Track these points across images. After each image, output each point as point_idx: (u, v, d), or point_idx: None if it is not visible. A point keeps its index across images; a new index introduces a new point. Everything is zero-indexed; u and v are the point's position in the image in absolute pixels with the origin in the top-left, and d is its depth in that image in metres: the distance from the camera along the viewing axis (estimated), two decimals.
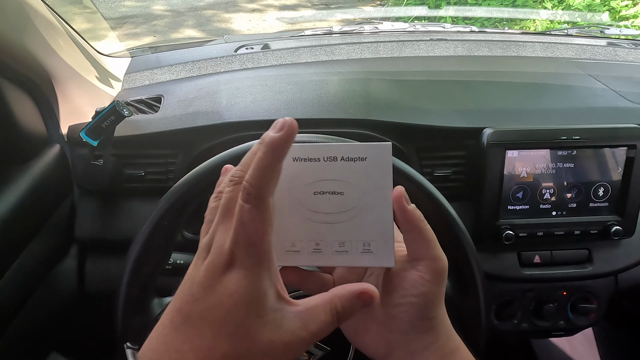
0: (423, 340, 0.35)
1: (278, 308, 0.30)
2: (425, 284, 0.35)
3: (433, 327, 0.35)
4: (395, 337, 0.36)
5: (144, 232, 0.48)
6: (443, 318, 0.36)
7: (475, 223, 0.73)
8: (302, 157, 0.33)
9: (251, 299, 0.29)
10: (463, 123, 0.74)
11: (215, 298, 0.28)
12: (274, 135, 0.29)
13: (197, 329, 0.28)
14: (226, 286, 0.29)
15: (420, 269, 0.35)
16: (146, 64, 0.98)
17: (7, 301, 0.60)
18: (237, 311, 0.28)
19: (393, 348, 0.36)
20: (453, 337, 0.36)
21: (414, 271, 0.35)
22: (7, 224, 0.59)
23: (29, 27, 0.65)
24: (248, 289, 0.29)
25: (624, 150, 0.72)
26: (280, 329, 0.29)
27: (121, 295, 0.47)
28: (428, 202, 0.51)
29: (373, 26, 1.21)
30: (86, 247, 0.75)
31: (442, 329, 0.36)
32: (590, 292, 0.78)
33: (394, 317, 0.35)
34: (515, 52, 1.02)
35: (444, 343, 0.35)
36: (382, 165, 0.34)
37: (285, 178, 0.31)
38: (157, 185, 0.74)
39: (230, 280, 0.29)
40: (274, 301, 0.30)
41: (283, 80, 0.84)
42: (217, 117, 0.73)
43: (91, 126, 0.65)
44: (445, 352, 0.35)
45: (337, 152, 0.34)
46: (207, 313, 0.28)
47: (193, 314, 0.29)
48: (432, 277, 0.35)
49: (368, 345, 0.37)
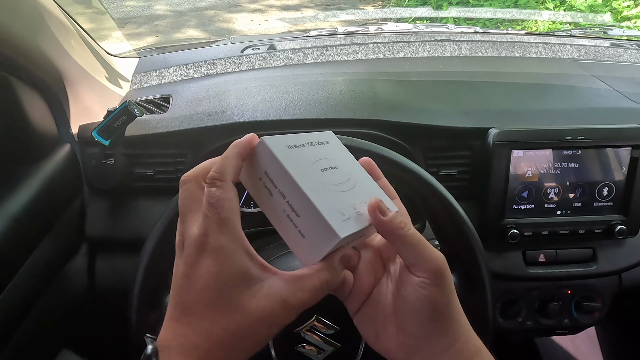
0: (441, 343, 0.35)
1: (264, 277, 0.32)
2: (427, 287, 0.34)
3: (448, 329, 0.35)
4: (413, 341, 0.35)
5: (158, 228, 0.49)
6: (460, 318, 0.36)
7: (480, 222, 0.74)
8: (292, 144, 0.35)
9: (236, 274, 0.31)
10: (468, 123, 0.75)
11: (201, 283, 0.31)
12: (236, 138, 0.34)
13: (194, 315, 0.31)
14: (208, 270, 0.31)
15: (419, 273, 0.35)
16: (154, 64, 0.99)
17: (18, 300, 0.60)
18: (226, 288, 0.31)
19: (413, 352, 0.36)
20: (473, 340, 0.36)
21: (414, 277, 0.35)
22: (18, 223, 0.60)
23: (43, 29, 0.66)
24: (230, 266, 0.31)
25: (628, 150, 0.73)
26: (270, 296, 0.31)
27: (136, 291, 0.48)
28: (436, 201, 0.52)
29: (377, 27, 1.22)
30: (96, 246, 0.75)
31: (460, 331, 0.35)
32: (595, 291, 0.79)
33: (408, 322, 0.35)
34: (519, 53, 1.03)
35: (463, 346, 0.35)
36: (339, 145, 0.39)
37: (296, 162, 0.33)
38: (166, 184, 0.75)
39: (209, 263, 0.31)
40: (258, 272, 0.32)
41: (290, 80, 0.85)
42: (227, 117, 0.74)
43: (103, 126, 0.66)
44: (465, 356, 0.35)
45: (309, 139, 0.37)
46: (198, 298, 0.31)
47: (187, 303, 0.31)
48: (432, 278, 0.34)
49: (389, 349, 0.37)
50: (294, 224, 0.33)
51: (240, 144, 0.34)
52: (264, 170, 0.33)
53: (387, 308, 0.37)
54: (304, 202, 0.32)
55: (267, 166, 0.33)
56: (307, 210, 0.32)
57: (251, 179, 0.34)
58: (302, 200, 0.32)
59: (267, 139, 0.33)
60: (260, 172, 0.33)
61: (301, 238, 0.33)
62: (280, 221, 0.34)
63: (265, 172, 0.33)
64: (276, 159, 0.33)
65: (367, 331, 0.38)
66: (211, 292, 0.31)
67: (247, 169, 0.34)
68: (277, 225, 0.34)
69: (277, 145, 0.33)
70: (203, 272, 0.31)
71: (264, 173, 0.33)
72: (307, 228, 0.33)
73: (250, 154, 0.34)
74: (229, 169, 0.33)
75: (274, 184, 0.33)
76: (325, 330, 0.52)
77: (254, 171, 0.34)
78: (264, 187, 0.33)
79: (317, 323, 0.52)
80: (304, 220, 0.33)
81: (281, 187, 0.33)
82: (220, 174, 0.32)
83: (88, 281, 0.74)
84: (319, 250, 0.33)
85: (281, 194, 0.33)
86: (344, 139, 0.52)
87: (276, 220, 0.34)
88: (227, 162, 0.33)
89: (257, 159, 0.33)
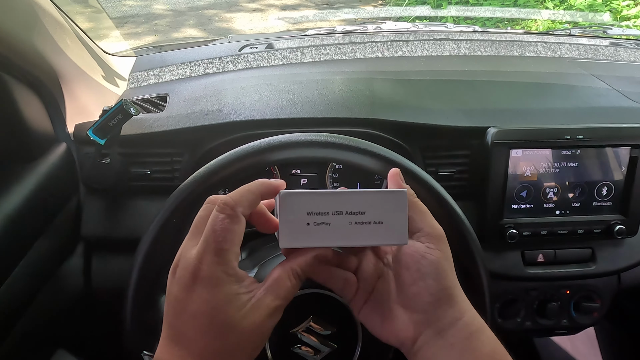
0: (448, 316, 0.36)
1: (249, 293, 0.33)
2: (432, 251, 0.37)
3: (454, 298, 0.37)
4: (421, 316, 0.37)
5: (153, 229, 0.48)
6: (463, 296, 0.38)
7: (479, 222, 0.73)
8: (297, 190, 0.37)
9: (227, 300, 0.32)
10: (467, 122, 0.74)
11: (194, 308, 0.32)
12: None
13: (188, 338, 0.32)
14: (200, 296, 0.32)
15: (423, 239, 0.38)
16: (151, 63, 0.98)
17: (14, 299, 0.60)
18: (218, 314, 0.32)
19: (421, 328, 0.37)
20: (478, 318, 0.37)
21: (418, 243, 0.38)
22: (13, 223, 0.59)
23: (37, 27, 0.66)
24: (221, 294, 0.32)
25: (628, 150, 0.72)
26: (259, 308, 0.33)
27: (131, 292, 0.48)
28: (434, 201, 0.51)
29: (376, 26, 1.22)
30: (92, 246, 0.75)
31: (465, 306, 0.37)
32: (593, 291, 0.79)
33: (415, 295, 0.37)
34: (518, 52, 1.02)
35: (469, 321, 0.36)
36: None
37: (315, 189, 0.37)
38: (163, 184, 0.74)
39: (201, 290, 0.32)
40: (246, 293, 0.33)
41: (288, 79, 0.84)
42: (224, 116, 0.73)
43: (99, 125, 0.66)
44: (472, 330, 0.36)
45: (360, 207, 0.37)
46: (192, 323, 0.32)
47: (181, 327, 0.33)
48: (435, 243, 0.37)
49: (398, 330, 0.38)
50: (366, 222, 0.36)
51: (266, 184, 0.36)
52: (305, 212, 0.35)
53: (391, 293, 0.39)
54: (357, 196, 0.36)
55: (306, 207, 0.35)
56: (366, 200, 0.36)
57: (300, 233, 0.35)
58: (355, 196, 0.35)
59: (285, 191, 0.35)
60: (303, 218, 0.35)
61: (380, 225, 0.36)
62: (354, 235, 0.36)
63: (308, 213, 0.35)
64: (307, 193, 0.35)
65: (373, 320, 0.39)
66: (204, 317, 0.32)
67: (291, 232, 0.35)
68: (353, 243, 0.36)
69: (294, 190, 0.36)
70: (195, 298, 0.32)
71: (306, 214, 0.35)
72: (377, 212, 0.36)
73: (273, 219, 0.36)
74: (244, 201, 0.34)
75: (322, 214, 0.35)
76: (322, 331, 0.51)
77: (297, 226, 0.35)
78: (317, 226, 0.35)
79: (314, 324, 0.51)
80: (370, 210, 0.36)
81: (330, 208, 0.35)
82: (234, 203, 0.33)
83: (84, 281, 0.74)
84: (402, 216, 0.36)
85: (337, 214, 0.35)
86: (338, 136, 0.52)
87: (350, 239, 0.36)
88: (245, 195, 0.34)
89: (291, 209, 0.35)
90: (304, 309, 0.50)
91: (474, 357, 0.35)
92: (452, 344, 0.35)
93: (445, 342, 0.36)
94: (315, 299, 0.51)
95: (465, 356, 0.35)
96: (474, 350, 0.35)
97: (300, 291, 0.51)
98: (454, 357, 0.35)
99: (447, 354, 0.35)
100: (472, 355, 0.35)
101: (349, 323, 0.51)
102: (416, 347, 0.37)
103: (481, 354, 0.35)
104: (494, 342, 0.36)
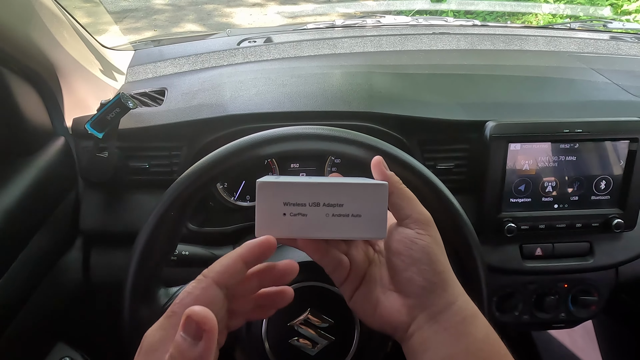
0: (442, 299, 0.36)
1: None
2: (422, 236, 0.37)
3: (447, 282, 0.37)
4: (415, 301, 0.37)
5: (150, 222, 0.48)
6: (456, 281, 0.38)
7: (477, 216, 0.73)
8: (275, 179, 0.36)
9: None
10: (466, 116, 0.74)
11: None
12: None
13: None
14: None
15: (412, 225, 0.37)
16: (149, 57, 0.98)
17: (12, 293, 0.60)
18: None
19: (415, 313, 0.37)
20: (470, 303, 0.37)
21: (407, 229, 0.37)
22: (12, 217, 0.59)
23: (34, 20, 0.66)
24: None
25: (626, 144, 0.72)
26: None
27: (128, 285, 0.48)
28: (431, 194, 0.51)
29: (375, 20, 1.21)
30: (91, 239, 0.75)
31: (458, 291, 0.37)
32: (591, 285, 0.79)
33: (408, 280, 0.37)
34: (517, 46, 1.02)
35: (463, 305, 0.37)
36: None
37: (291, 177, 0.35)
38: (161, 177, 0.74)
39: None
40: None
41: (286, 73, 0.84)
42: (221, 110, 0.73)
43: (96, 118, 0.65)
44: (465, 315, 0.36)
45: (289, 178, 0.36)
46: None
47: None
48: (424, 229, 0.37)
49: (391, 316, 0.38)
50: (344, 214, 0.34)
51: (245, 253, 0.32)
52: (282, 202, 0.34)
53: (383, 279, 0.39)
54: (336, 187, 0.34)
55: (283, 197, 0.34)
56: (345, 191, 0.34)
57: (276, 223, 0.34)
58: (334, 187, 0.34)
59: (262, 179, 0.34)
60: (279, 208, 0.34)
61: (359, 218, 0.34)
62: (331, 227, 0.35)
63: (285, 203, 0.34)
64: (284, 183, 0.34)
65: (364, 308, 0.39)
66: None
67: (266, 222, 0.34)
68: (330, 235, 0.35)
69: (271, 179, 0.34)
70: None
71: (283, 205, 0.34)
72: (356, 205, 0.34)
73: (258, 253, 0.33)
74: (218, 310, 0.31)
75: (299, 204, 0.34)
76: (319, 324, 0.51)
77: (273, 216, 0.34)
78: (293, 217, 0.34)
79: (311, 316, 0.51)
80: (349, 202, 0.34)
81: (308, 199, 0.34)
82: (208, 322, 0.27)
83: (83, 274, 0.74)
84: (381, 210, 0.35)
85: (314, 205, 0.34)
86: (333, 129, 0.52)
87: (327, 231, 0.35)
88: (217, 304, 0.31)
89: (268, 199, 0.34)
90: (302, 302, 0.50)
91: (468, 341, 0.35)
92: (446, 328, 0.36)
93: (439, 326, 0.36)
94: (312, 291, 0.51)
95: (459, 340, 0.35)
96: (467, 334, 0.35)
97: (298, 284, 0.51)
98: (447, 341, 0.35)
99: (441, 338, 0.35)
100: (465, 339, 0.35)
101: (347, 315, 0.52)
102: (410, 332, 0.37)
103: (475, 339, 0.35)
104: (487, 328, 0.37)
